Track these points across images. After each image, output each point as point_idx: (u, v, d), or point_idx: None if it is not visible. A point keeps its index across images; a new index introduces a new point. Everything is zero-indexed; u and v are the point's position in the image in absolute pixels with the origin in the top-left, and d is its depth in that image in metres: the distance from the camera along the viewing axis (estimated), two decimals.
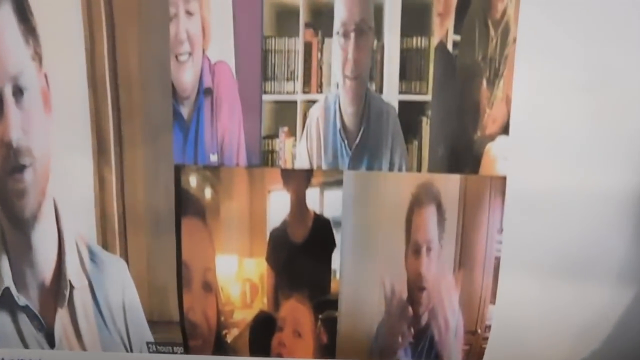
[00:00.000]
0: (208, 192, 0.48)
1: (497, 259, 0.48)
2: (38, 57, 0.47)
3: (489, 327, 0.49)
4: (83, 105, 0.48)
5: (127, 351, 0.51)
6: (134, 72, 0.48)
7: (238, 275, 0.50)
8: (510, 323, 0.49)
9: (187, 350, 0.51)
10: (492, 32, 0.46)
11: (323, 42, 0.46)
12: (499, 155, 0.47)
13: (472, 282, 0.49)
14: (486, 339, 0.49)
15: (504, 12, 0.45)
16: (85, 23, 0.46)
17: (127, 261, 0.50)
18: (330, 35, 0.46)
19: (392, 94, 0.47)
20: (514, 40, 0.45)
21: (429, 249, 0.48)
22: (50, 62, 0.47)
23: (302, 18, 0.46)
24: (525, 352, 0.49)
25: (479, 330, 0.50)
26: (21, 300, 0.51)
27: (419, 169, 0.47)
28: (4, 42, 0.46)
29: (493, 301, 0.49)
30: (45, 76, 0.47)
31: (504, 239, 0.47)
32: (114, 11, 0.46)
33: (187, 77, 0.47)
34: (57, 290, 0.51)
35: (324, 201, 0.48)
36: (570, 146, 0.45)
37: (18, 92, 0.47)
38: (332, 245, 0.48)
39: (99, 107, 0.48)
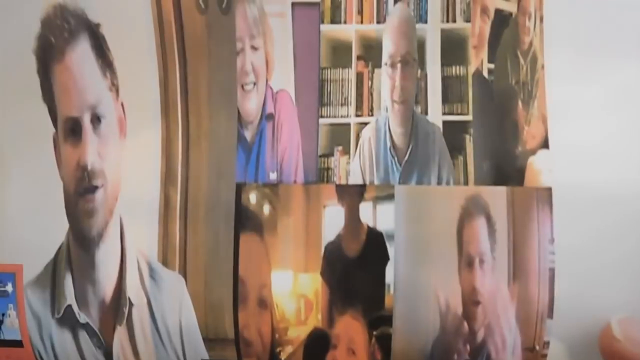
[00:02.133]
0: (266, 209, 0.51)
1: (552, 271, 0.48)
2: (115, 88, 0.52)
3: (547, 344, 0.48)
4: (155, 131, 0.53)
5: None
6: (203, 101, 0.53)
7: (293, 291, 0.50)
8: (568, 338, 0.48)
9: None
10: (521, 60, 0.51)
11: (373, 72, 0.52)
12: (542, 168, 0.49)
13: (528, 295, 0.48)
14: (545, 356, 0.48)
15: (531, 44, 0.51)
16: (159, 58, 0.52)
17: (185, 278, 0.51)
18: (379, 66, 0.51)
19: (436, 115, 0.51)
20: (542, 66, 0.50)
21: (481, 262, 0.49)
22: (126, 93, 0.52)
23: (355, 51, 0.51)
24: None
25: (537, 347, 0.48)
26: (82, 317, 0.50)
27: (466, 183, 0.50)
28: (83, 75, 0.50)
29: (550, 315, 0.48)
30: (122, 105, 0.53)
31: (557, 249, 0.48)
32: (185, 46, 0.52)
33: (251, 105, 0.52)
34: (116, 307, 0.51)
35: (376, 215, 0.50)
36: (612, 158, 0.48)
37: (96, 119, 0.51)
38: (385, 258, 0.49)
39: (170, 133, 0.53)
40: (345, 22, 0.50)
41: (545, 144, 0.48)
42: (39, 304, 0.50)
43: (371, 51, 0.50)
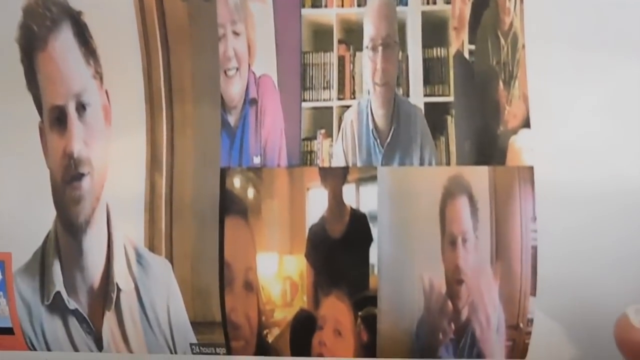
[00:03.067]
0: (251, 193, 0.51)
1: (534, 249, 0.48)
2: (99, 75, 0.52)
3: (531, 321, 0.48)
4: (140, 118, 0.53)
5: (171, 353, 0.50)
6: (187, 87, 0.53)
7: (278, 273, 0.50)
8: (553, 316, 0.48)
9: (230, 351, 0.50)
10: (502, 41, 0.51)
11: (354, 55, 0.52)
12: (524, 147, 0.50)
13: (511, 273, 0.48)
14: (529, 333, 0.48)
15: (511, 24, 0.51)
16: (142, 45, 0.52)
17: (172, 263, 0.51)
18: (360, 49, 0.51)
19: (417, 97, 0.51)
20: (523, 46, 0.50)
21: (464, 240, 0.49)
22: (110, 80, 0.52)
23: (336, 35, 0.51)
24: (571, 348, 0.48)
25: (521, 325, 0.48)
26: (71, 304, 0.50)
27: (448, 163, 0.50)
28: (67, 63, 0.50)
29: (533, 293, 0.48)
30: (107, 93, 0.53)
31: (539, 228, 0.48)
32: (168, 33, 0.52)
33: (234, 90, 0.52)
34: (105, 293, 0.51)
35: (359, 196, 0.50)
36: (591, 138, 0.48)
37: (81, 107, 0.52)
38: (369, 239, 0.50)
39: (154, 120, 0.53)
40: (326, 6, 0.50)
41: (527, 124, 0.48)
42: (28, 291, 0.51)
43: (352, 35, 0.50)
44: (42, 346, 0.50)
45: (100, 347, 0.49)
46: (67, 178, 0.49)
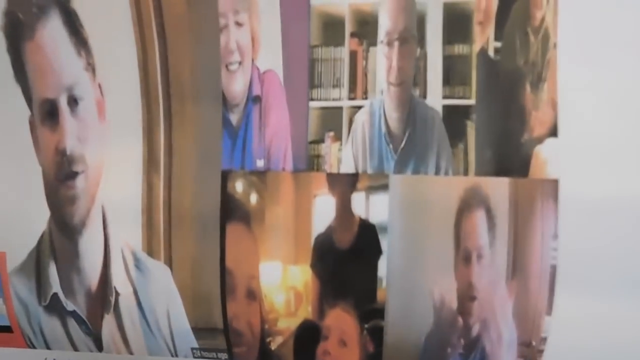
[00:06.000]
0: (254, 198, 0.47)
1: (553, 267, 0.45)
2: (91, 67, 0.47)
3: (544, 340, 0.46)
4: (136, 114, 0.49)
5: (172, 356, 0.49)
6: (186, 82, 0.48)
7: (282, 283, 0.48)
8: (568, 336, 0.46)
9: (232, 357, 0.49)
10: (532, 38, 0.45)
11: (368, 51, 0.46)
12: (549, 158, 0.45)
13: (527, 292, 0.45)
14: (541, 351, 0.46)
15: (543, 20, 0.45)
16: (136, 34, 0.47)
17: (171, 268, 0.49)
18: (374, 44, 0.45)
19: (436, 99, 0.46)
20: (555, 45, 0.44)
21: (479, 256, 0.45)
22: (103, 73, 0.46)
23: (348, 28, 0.45)
24: None
25: (534, 343, 0.46)
26: (69, 305, 0.47)
27: (466, 173, 0.46)
28: (56, 53, 0.45)
29: (549, 312, 0.46)
30: (100, 86, 0.47)
31: (560, 246, 0.45)
32: (164, 22, 0.47)
33: (237, 86, 0.47)
34: (103, 296, 0.48)
35: (369, 206, 0.47)
36: (625, 150, 0.44)
37: (73, 101, 0.47)
38: (378, 251, 0.46)
39: (151, 116, 0.49)
40: None
41: (553, 132, 0.44)
42: (25, 291, 0.49)
43: (366, 27, 0.44)
44: (41, 344, 0.49)
45: (100, 347, 0.48)
46: (61, 176, 0.46)
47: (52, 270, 0.44)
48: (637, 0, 0.39)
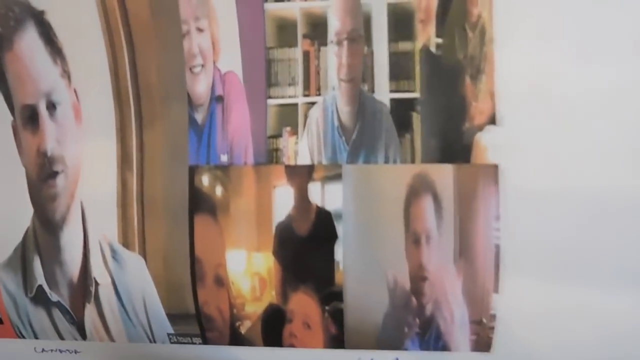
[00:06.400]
0: (219, 190, 0.51)
1: (497, 247, 0.48)
2: (67, 74, 0.50)
3: (494, 317, 0.49)
4: (109, 116, 0.53)
5: (150, 342, 0.52)
6: (153, 85, 0.52)
7: (247, 269, 0.51)
8: (515, 312, 0.48)
9: (205, 341, 0.52)
10: (470, 34, 0.49)
11: (319, 51, 0.50)
12: (489, 145, 0.49)
13: (474, 271, 0.48)
14: (493, 328, 0.49)
15: (479, 16, 0.48)
16: (106, 42, 0.50)
17: (145, 258, 0.53)
18: (325, 44, 0.49)
19: (383, 93, 0.49)
20: (491, 40, 0.48)
21: (428, 238, 0.49)
22: (78, 79, 0.50)
23: (300, 30, 0.48)
24: (536, 344, 0.48)
25: (485, 320, 0.49)
26: (53, 296, 0.51)
27: (413, 161, 0.49)
28: (34, 62, 0.48)
29: (496, 290, 0.49)
30: (75, 91, 0.51)
31: (502, 226, 0.48)
32: (132, 30, 0.51)
33: (200, 87, 0.51)
34: (84, 287, 0.52)
35: (325, 194, 0.50)
36: (559, 137, 0.47)
37: (51, 106, 0.51)
38: (334, 237, 0.50)
39: (123, 117, 0.53)
40: (289, 0, 0.49)
41: (492, 120, 0.47)
42: (12, 284, 0.53)
43: (317, 29, 0.47)
44: (30, 335, 0.52)
45: (84, 336, 0.51)
46: (42, 176, 0.50)
47: (37, 264, 0.48)
48: None
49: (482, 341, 0.46)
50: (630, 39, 0.42)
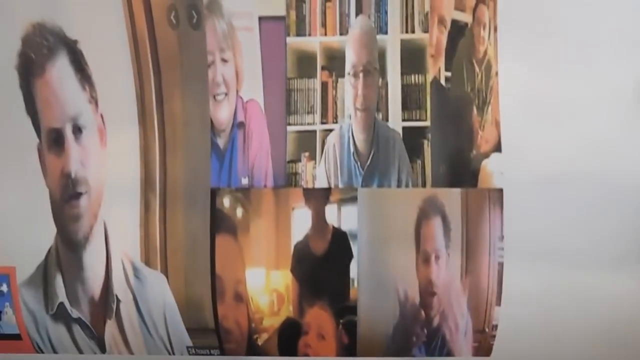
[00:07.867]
0: (239, 212, 0.54)
1: (501, 264, 0.53)
2: (94, 100, 0.52)
3: (496, 326, 0.53)
4: (134, 141, 0.55)
5: (169, 354, 0.54)
6: (177, 111, 0.55)
7: (266, 286, 0.54)
8: (515, 322, 0.53)
9: (223, 353, 0.54)
10: (476, 68, 0.53)
11: (337, 82, 0.53)
12: (494, 170, 0.53)
13: (479, 287, 0.52)
14: (494, 336, 0.53)
15: (485, 52, 0.53)
16: (134, 71, 0.52)
17: (166, 276, 0.55)
18: (342, 75, 0.52)
19: (396, 121, 0.53)
20: (496, 74, 0.53)
21: (437, 257, 0.52)
22: (105, 104, 0.52)
23: (319, 62, 0.51)
24: (531, 347, 0.53)
25: (487, 330, 0.53)
26: (74, 313, 0.52)
27: (424, 185, 0.53)
28: (63, 88, 0.50)
29: (499, 303, 0.53)
30: (102, 116, 0.54)
31: (506, 245, 0.52)
32: (159, 61, 0.54)
33: (223, 114, 0.54)
34: (105, 303, 0.54)
35: (341, 216, 0.53)
36: (560, 164, 0.52)
37: (77, 130, 0.52)
38: (349, 256, 0.53)
39: (147, 142, 0.55)
40: (309, 35, 0.52)
41: (498, 148, 0.51)
42: (33, 301, 0.54)
43: (335, 61, 0.51)
44: (48, 349, 0.53)
45: (103, 350, 0.53)
46: (66, 197, 0.51)
47: (59, 282, 0.49)
48: (561, 31, 0.47)
49: (483, 347, 0.49)
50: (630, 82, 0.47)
